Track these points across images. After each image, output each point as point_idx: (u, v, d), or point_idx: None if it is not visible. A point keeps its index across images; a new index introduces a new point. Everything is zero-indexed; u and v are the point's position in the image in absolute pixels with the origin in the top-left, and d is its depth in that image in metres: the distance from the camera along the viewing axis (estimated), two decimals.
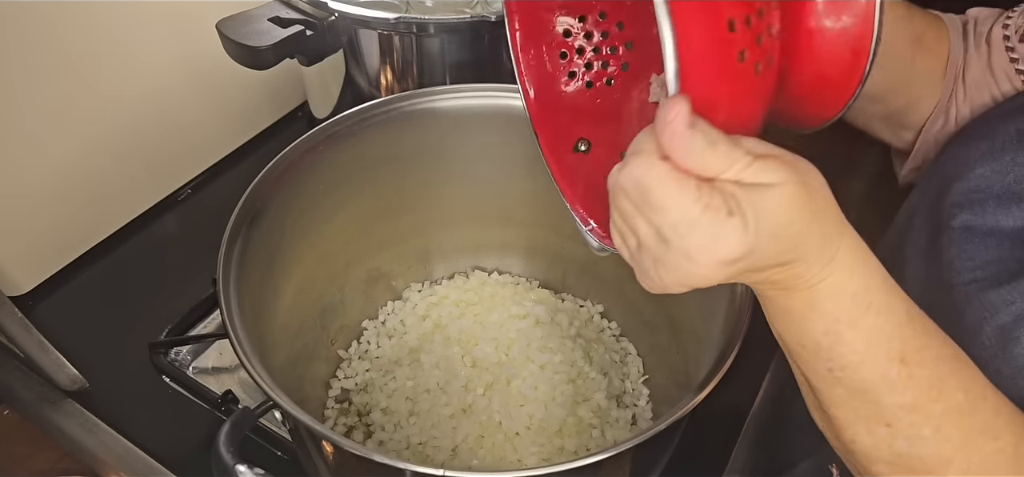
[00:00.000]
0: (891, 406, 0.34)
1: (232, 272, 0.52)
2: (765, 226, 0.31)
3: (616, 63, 0.48)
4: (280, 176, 0.58)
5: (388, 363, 0.68)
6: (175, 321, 0.73)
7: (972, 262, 0.43)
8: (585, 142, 0.48)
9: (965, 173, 0.46)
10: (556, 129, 0.48)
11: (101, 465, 0.64)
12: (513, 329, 0.69)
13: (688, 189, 0.30)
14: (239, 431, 0.46)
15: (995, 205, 0.44)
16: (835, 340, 0.34)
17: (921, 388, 0.34)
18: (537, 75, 0.48)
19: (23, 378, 0.69)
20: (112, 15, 0.74)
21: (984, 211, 0.44)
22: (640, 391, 0.68)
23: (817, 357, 0.35)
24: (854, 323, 0.34)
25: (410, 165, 0.66)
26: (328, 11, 0.72)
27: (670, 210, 0.31)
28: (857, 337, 0.34)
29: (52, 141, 0.74)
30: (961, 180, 0.46)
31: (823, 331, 0.34)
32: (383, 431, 0.63)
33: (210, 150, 0.90)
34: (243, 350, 0.47)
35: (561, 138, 0.48)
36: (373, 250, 0.70)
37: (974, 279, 0.43)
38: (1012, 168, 0.44)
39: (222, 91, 0.87)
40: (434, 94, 0.64)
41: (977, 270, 0.43)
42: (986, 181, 0.45)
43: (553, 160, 0.48)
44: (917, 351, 0.34)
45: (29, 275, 0.77)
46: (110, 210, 0.82)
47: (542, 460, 0.61)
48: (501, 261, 0.76)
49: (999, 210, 0.43)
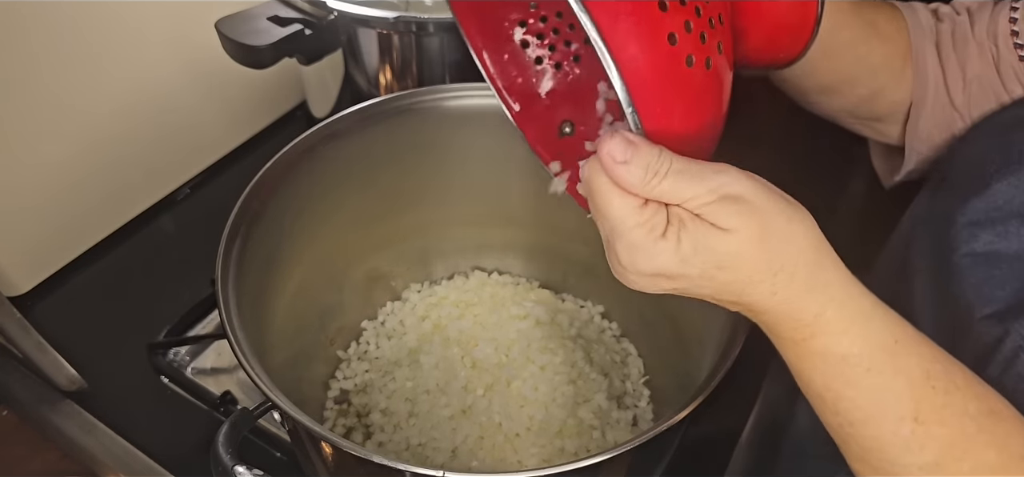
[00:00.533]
0: (909, 466, 0.33)
1: (231, 272, 0.51)
2: (699, 262, 0.32)
3: (578, 38, 0.48)
4: (279, 176, 0.58)
5: (387, 364, 0.67)
6: (174, 322, 0.73)
7: (1003, 291, 0.41)
8: (569, 124, 0.48)
9: (981, 188, 0.44)
10: (538, 120, 0.49)
11: (100, 466, 0.64)
12: (513, 330, 0.69)
13: (628, 203, 0.31)
14: (238, 432, 0.45)
15: (1019, 224, 0.42)
16: (836, 397, 0.34)
17: (942, 447, 0.32)
18: (506, 73, 0.48)
19: (21, 379, 0.68)
20: (111, 15, 0.74)
21: (1007, 232, 0.42)
22: (641, 392, 0.67)
23: (824, 409, 0.34)
24: (853, 383, 0.33)
25: (409, 165, 0.66)
26: (327, 10, 0.71)
27: (609, 217, 0.32)
28: (858, 395, 0.33)
29: (50, 141, 0.74)
30: (978, 196, 0.44)
31: (823, 386, 0.34)
32: (382, 432, 0.63)
33: (209, 150, 0.90)
34: (242, 351, 0.47)
35: (546, 128, 0.49)
36: (372, 250, 0.70)
37: (1008, 307, 0.40)
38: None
39: (221, 90, 0.87)
40: (434, 93, 0.64)
41: (1009, 298, 0.41)
42: (1005, 197, 0.43)
43: (545, 153, 0.48)
44: (935, 410, 0.33)
45: (28, 276, 0.77)
46: (109, 210, 0.82)
47: (542, 461, 0.61)
48: (501, 261, 0.76)
49: (1023, 229, 0.42)
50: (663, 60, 0.31)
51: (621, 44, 0.30)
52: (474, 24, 0.47)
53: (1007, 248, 0.42)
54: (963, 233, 0.44)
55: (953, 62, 0.50)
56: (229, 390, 0.67)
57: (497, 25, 0.48)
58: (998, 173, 0.43)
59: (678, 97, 0.32)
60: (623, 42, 0.30)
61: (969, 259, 0.43)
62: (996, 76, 0.48)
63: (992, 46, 0.48)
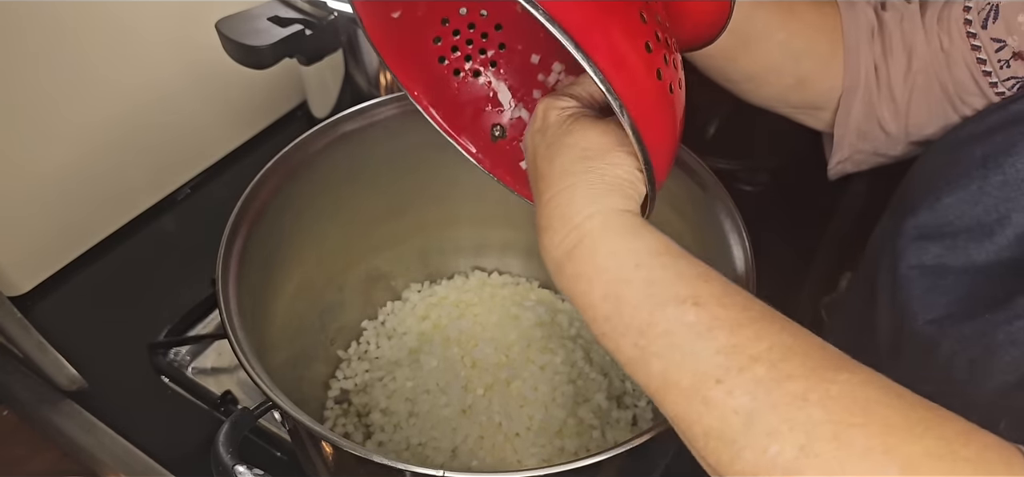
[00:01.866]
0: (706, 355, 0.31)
1: (231, 272, 0.51)
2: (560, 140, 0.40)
3: (492, 45, 0.50)
4: (279, 176, 0.58)
5: (388, 364, 0.67)
6: (174, 321, 0.73)
7: (946, 298, 0.42)
8: (498, 128, 0.52)
9: (932, 202, 0.44)
10: (470, 128, 0.51)
11: (100, 466, 0.64)
12: (513, 330, 0.69)
13: None
14: (238, 432, 0.46)
15: (967, 239, 0.42)
16: (616, 302, 0.34)
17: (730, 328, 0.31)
18: (430, 92, 0.50)
19: (22, 379, 0.68)
20: (111, 15, 0.74)
21: (955, 246, 0.43)
22: (641, 391, 0.67)
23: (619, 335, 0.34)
24: (625, 279, 0.34)
25: (409, 165, 0.66)
26: (327, 10, 0.71)
27: None
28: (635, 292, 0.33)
29: (50, 141, 0.74)
30: (928, 210, 0.44)
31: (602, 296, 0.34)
32: (383, 432, 0.63)
33: (209, 150, 0.90)
34: (242, 350, 0.47)
35: (480, 135, 0.52)
36: (373, 250, 0.70)
37: (948, 313, 0.41)
38: (980, 198, 0.42)
39: (221, 91, 0.87)
40: None
41: (951, 306, 0.42)
42: (954, 212, 0.43)
43: (490, 164, 0.51)
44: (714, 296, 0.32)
45: (28, 275, 0.77)
46: (109, 210, 0.82)
47: (542, 461, 0.61)
48: (501, 261, 0.76)
49: (971, 244, 0.42)
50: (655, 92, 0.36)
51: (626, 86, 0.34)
52: (401, 63, 0.49)
53: (954, 261, 0.43)
54: (913, 246, 0.44)
55: (898, 51, 0.50)
56: (229, 390, 0.67)
57: (421, 57, 0.50)
58: (948, 188, 0.44)
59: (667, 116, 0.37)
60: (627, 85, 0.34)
61: (916, 271, 0.44)
62: (945, 67, 0.48)
63: (943, 35, 0.48)
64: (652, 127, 0.35)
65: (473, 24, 0.49)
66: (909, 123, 0.51)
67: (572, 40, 0.32)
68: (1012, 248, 0.41)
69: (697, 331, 0.32)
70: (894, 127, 0.51)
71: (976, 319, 0.40)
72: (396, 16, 0.47)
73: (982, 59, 0.46)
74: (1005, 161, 0.41)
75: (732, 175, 0.60)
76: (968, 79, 0.47)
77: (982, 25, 0.46)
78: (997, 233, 0.41)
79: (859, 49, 0.51)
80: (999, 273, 0.41)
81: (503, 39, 0.50)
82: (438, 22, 0.49)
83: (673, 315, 0.32)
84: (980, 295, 0.41)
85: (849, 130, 0.53)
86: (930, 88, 0.49)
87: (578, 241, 0.36)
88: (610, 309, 0.34)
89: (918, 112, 0.50)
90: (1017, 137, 0.42)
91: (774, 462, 0.29)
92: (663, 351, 0.32)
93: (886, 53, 0.50)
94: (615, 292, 0.34)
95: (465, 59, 0.50)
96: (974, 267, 0.42)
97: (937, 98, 0.49)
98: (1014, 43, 0.45)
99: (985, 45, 0.46)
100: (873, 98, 0.51)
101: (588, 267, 0.35)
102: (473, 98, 0.51)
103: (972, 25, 0.46)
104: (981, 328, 0.39)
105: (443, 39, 0.49)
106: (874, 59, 0.51)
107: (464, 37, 0.50)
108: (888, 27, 0.50)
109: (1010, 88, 0.46)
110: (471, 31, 0.49)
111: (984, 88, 0.47)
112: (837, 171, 0.56)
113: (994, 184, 0.42)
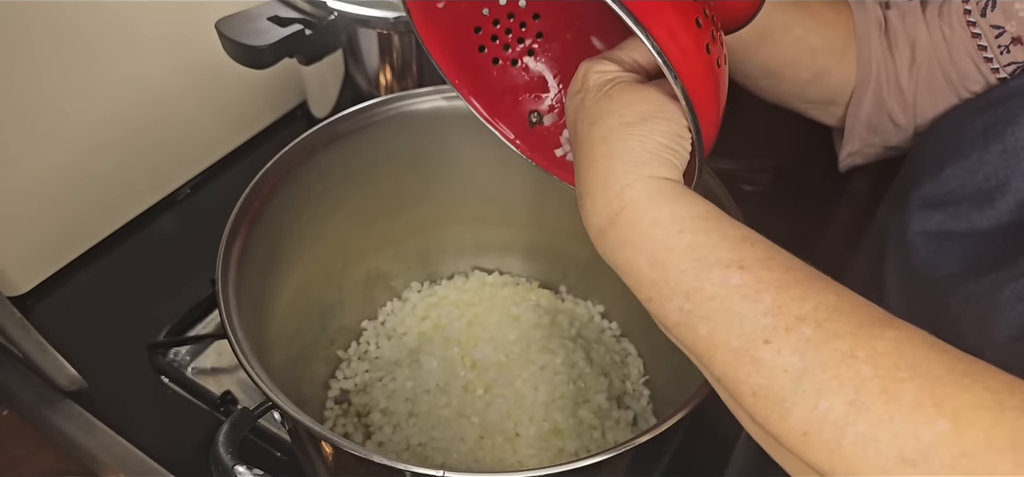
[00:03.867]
0: (753, 316, 0.31)
1: (231, 272, 0.52)
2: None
3: (530, 34, 0.51)
4: (279, 176, 0.58)
5: (387, 364, 0.67)
6: (174, 321, 0.73)
7: (951, 258, 0.43)
8: (535, 114, 0.52)
9: (934, 174, 0.46)
10: (508, 115, 0.52)
11: (100, 466, 0.64)
12: (513, 330, 0.69)
13: None
14: (238, 432, 0.46)
15: (969, 206, 0.44)
16: (662, 269, 0.34)
17: (775, 288, 0.32)
18: (470, 80, 0.52)
19: (22, 379, 0.68)
20: (111, 15, 0.74)
21: (958, 213, 0.44)
22: (641, 392, 0.67)
23: (665, 300, 0.34)
24: (670, 245, 0.34)
25: (409, 165, 0.66)
26: (327, 10, 0.71)
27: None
28: (681, 258, 0.34)
29: (50, 141, 0.74)
30: (932, 181, 0.46)
31: (648, 264, 0.35)
32: (382, 432, 0.63)
33: (209, 150, 0.90)
34: (242, 350, 0.47)
35: (517, 121, 0.52)
36: (372, 250, 0.70)
37: (954, 273, 0.43)
38: (980, 166, 0.43)
39: (221, 91, 0.87)
40: (434, 93, 0.64)
41: (956, 265, 0.43)
42: (956, 181, 0.45)
43: (528, 150, 0.52)
44: (759, 259, 0.33)
45: (28, 275, 0.77)
46: (109, 210, 0.82)
47: (542, 462, 0.61)
48: (501, 261, 0.76)
49: (973, 211, 0.43)
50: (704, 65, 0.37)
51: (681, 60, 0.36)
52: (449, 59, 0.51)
53: (956, 227, 0.44)
54: (918, 214, 0.46)
55: (902, 45, 0.51)
56: (229, 390, 0.67)
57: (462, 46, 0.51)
58: (949, 159, 0.45)
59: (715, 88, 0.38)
60: (684, 59, 0.36)
61: (921, 236, 0.45)
62: (947, 56, 0.49)
63: (945, 26, 0.49)
64: (702, 97, 0.36)
65: (512, 14, 0.50)
66: (917, 114, 0.52)
67: (628, 10, 0.34)
68: (1013, 213, 0.42)
69: (743, 293, 0.32)
70: (903, 119, 0.53)
71: (982, 278, 0.40)
72: (441, 6, 0.49)
73: (983, 45, 0.47)
74: (1005, 131, 0.43)
75: (732, 175, 0.60)
76: (970, 66, 0.48)
77: (981, 13, 0.47)
78: (997, 199, 0.42)
79: (870, 44, 0.52)
80: (1002, 236, 0.42)
81: (541, 28, 0.51)
82: (479, 12, 0.50)
83: (719, 279, 0.33)
84: (985, 256, 0.42)
85: (859, 123, 0.54)
86: (934, 78, 0.50)
87: (620, 209, 0.36)
88: (656, 275, 0.35)
89: (924, 103, 0.51)
90: (1016, 109, 0.43)
91: (825, 418, 0.29)
92: (710, 314, 0.33)
93: (892, 47, 0.52)
94: (660, 259, 0.34)
95: (504, 47, 0.52)
96: (976, 231, 0.43)
97: (942, 88, 0.50)
98: (1012, 28, 0.46)
99: (985, 32, 0.47)
100: (883, 91, 0.52)
101: (632, 234, 0.35)
102: (512, 86, 0.52)
103: (971, 14, 0.48)
104: (987, 286, 0.40)
105: (483, 28, 0.50)
106: (882, 54, 0.52)
107: (503, 26, 0.51)
108: (892, 23, 0.52)
109: (1011, 73, 0.47)
110: (510, 20, 0.51)
111: (986, 74, 0.48)
112: (847, 163, 0.58)
113: (994, 153, 0.43)
